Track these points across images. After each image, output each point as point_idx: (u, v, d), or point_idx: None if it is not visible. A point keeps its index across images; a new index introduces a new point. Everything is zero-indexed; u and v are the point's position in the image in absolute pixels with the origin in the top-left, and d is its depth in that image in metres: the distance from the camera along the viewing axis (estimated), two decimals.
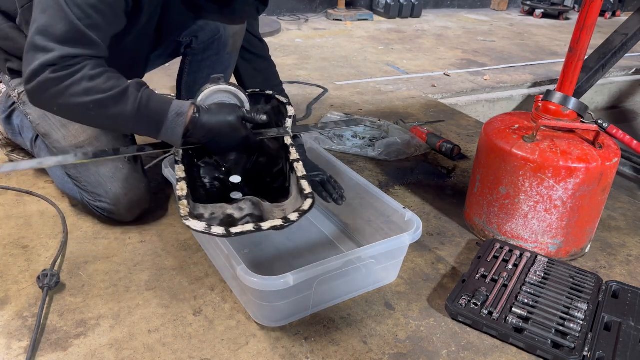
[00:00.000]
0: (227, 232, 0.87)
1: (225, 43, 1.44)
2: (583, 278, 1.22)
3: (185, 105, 1.03)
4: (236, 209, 0.96)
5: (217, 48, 1.44)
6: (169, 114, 1.00)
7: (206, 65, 1.48)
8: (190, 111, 1.02)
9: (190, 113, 1.02)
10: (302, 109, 2.26)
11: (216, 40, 1.42)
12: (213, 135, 1.03)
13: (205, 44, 1.43)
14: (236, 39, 1.45)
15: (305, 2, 4.46)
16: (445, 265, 1.30)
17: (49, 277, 1.10)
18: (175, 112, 1.00)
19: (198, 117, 1.02)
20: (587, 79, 2.65)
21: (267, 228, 0.89)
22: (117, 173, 1.27)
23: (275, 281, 0.96)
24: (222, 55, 1.46)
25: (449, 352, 1.04)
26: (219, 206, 0.97)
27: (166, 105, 1.02)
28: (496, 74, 3.15)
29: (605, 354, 1.01)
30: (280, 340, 1.04)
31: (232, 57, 1.48)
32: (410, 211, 1.19)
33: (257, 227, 0.88)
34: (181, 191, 0.95)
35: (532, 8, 5.25)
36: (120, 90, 0.99)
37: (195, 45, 1.44)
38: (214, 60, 1.47)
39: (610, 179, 1.28)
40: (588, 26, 1.24)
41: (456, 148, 1.87)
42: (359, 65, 3.09)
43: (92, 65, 0.98)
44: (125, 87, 1.00)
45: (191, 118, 1.02)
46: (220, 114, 1.02)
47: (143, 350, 0.99)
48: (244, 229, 0.88)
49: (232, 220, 0.93)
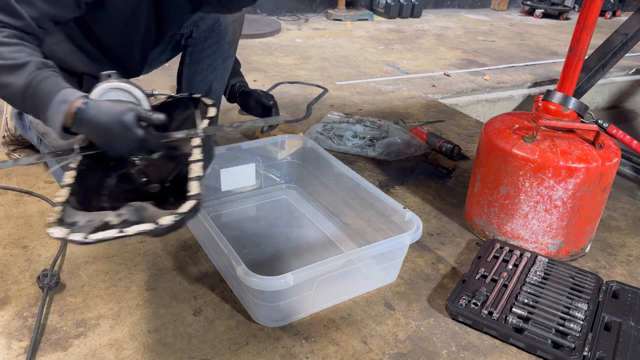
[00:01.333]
0: (85, 239, 0.82)
1: (225, 31, 1.44)
2: (583, 278, 1.22)
3: (74, 94, 0.94)
4: (116, 215, 0.90)
5: (217, 36, 1.44)
6: (54, 99, 0.93)
7: (206, 55, 1.48)
8: (76, 102, 0.93)
9: (76, 104, 0.93)
10: (302, 109, 2.26)
11: (216, 29, 1.43)
12: (103, 133, 0.94)
13: (206, 32, 1.43)
14: (235, 26, 1.45)
15: (305, 2, 4.46)
16: (445, 265, 1.30)
17: (49, 277, 1.10)
18: (61, 99, 0.92)
19: (84, 109, 0.92)
20: (587, 79, 2.66)
21: (132, 233, 0.83)
22: None
23: (275, 281, 0.96)
24: (222, 45, 1.46)
25: (449, 352, 1.04)
26: (101, 213, 0.91)
27: (55, 90, 0.94)
28: (496, 74, 3.15)
29: (605, 354, 1.01)
30: (280, 340, 1.04)
31: (232, 47, 1.48)
32: (410, 211, 1.19)
33: (121, 233, 0.83)
34: (59, 198, 0.91)
35: (532, 8, 5.25)
36: (20, 62, 0.93)
37: (196, 34, 1.44)
38: (214, 49, 1.47)
39: (610, 179, 1.28)
40: (588, 26, 1.24)
41: (456, 148, 1.87)
42: (359, 65, 3.09)
43: (7, 34, 0.95)
44: (26, 61, 0.94)
45: (76, 110, 0.93)
46: (111, 111, 0.92)
47: (143, 350, 0.99)
48: (106, 235, 0.83)
49: (107, 226, 0.87)
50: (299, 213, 1.48)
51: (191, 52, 1.48)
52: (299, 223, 1.44)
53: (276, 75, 2.76)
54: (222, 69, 1.51)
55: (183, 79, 1.56)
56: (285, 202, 1.54)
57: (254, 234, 1.38)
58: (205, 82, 1.53)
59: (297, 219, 1.46)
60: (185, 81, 1.56)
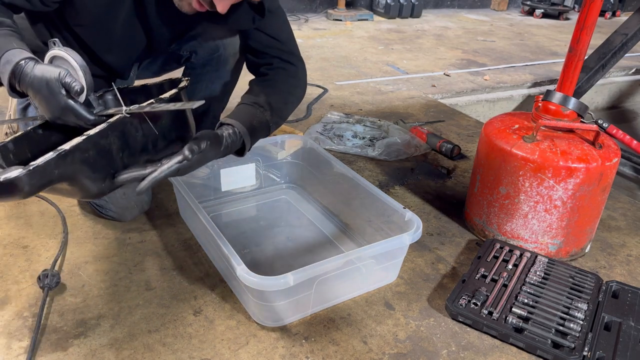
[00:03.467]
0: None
1: (225, 61, 1.42)
2: (583, 278, 1.22)
3: (18, 55, 0.96)
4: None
5: (217, 65, 1.42)
6: (1, 59, 0.95)
7: (205, 79, 1.46)
8: (17, 61, 0.95)
9: (16, 61, 0.95)
10: (302, 109, 2.26)
11: (215, 59, 1.41)
12: (34, 93, 0.96)
13: (204, 59, 1.41)
14: (237, 58, 1.43)
15: (305, 2, 4.46)
16: (445, 265, 1.30)
17: (49, 277, 1.10)
18: (5, 60, 0.95)
19: (21, 71, 0.94)
20: (587, 79, 2.66)
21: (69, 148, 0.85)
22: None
23: (275, 281, 0.96)
24: (222, 72, 1.44)
25: (449, 352, 1.04)
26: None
27: (2, 50, 0.96)
28: (496, 74, 3.15)
29: (605, 354, 1.01)
30: (280, 340, 1.04)
31: (234, 73, 1.46)
32: (410, 211, 1.19)
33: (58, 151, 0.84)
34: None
35: (532, 8, 5.25)
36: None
37: (195, 60, 1.42)
38: (213, 75, 1.45)
39: (610, 179, 1.28)
40: (588, 26, 1.24)
41: (456, 148, 1.87)
42: (359, 65, 3.09)
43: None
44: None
45: (14, 66, 0.95)
46: (41, 74, 0.94)
47: (143, 350, 0.99)
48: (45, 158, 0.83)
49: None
50: (299, 213, 1.48)
51: (190, 72, 1.47)
52: (299, 223, 1.44)
53: None
54: (223, 93, 1.50)
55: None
56: (285, 202, 1.54)
57: (254, 234, 1.38)
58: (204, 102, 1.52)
59: (297, 219, 1.46)
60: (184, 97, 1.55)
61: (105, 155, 0.93)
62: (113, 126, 0.93)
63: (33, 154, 1.00)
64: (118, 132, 0.95)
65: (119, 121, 0.94)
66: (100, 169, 0.93)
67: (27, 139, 1.01)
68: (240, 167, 1.48)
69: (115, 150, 0.95)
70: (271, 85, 1.30)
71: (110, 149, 0.94)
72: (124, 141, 0.97)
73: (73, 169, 0.87)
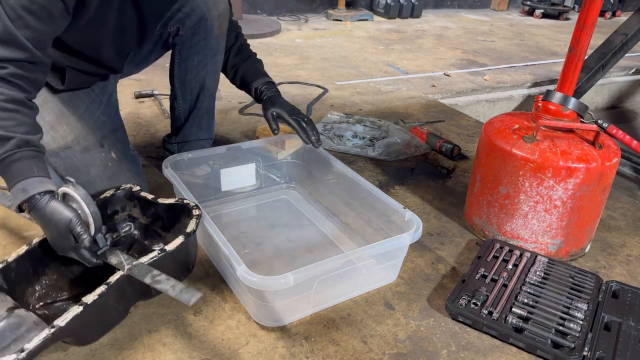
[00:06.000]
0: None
1: (211, 26, 1.44)
2: (583, 278, 1.22)
3: (36, 187, 0.98)
4: None
5: (204, 32, 1.45)
6: (17, 185, 0.97)
7: (195, 52, 1.48)
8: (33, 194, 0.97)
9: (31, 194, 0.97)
10: (302, 109, 2.26)
11: (202, 24, 1.43)
12: (43, 226, 0.99)
13: (192, 29, 1.44)
14: (221, 20, 1.46)
15: (305, 2, 4.46)
16: (445, 265, 1.30)
17: None
18: (22, 187, 0.97)
19: (34, 205, 0.97)
20: (587, 79, 2.66)
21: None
22: (105, 171, 1.26)
23: (275, 281, 0.96)
24: (210, 40, 1.46)
25: (449, 352, 1.04)
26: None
27: (21, 176, 0.98)
28: (496, 74, 3.15)
29: (605, 354, 1.01)
30: (280, 340, 1.04)
31: (220, 41, 1.49)
32: (410, 211, 1.19)
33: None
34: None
35: (532, 8, 5.25)
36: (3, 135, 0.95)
37: (183, 32, 1.44)
38: (203, 45, 1.47)
39: (610, 179, 1.28)
40: (588, 26, 1.24)
41: (456, 148, 1.87)
42: (359, 65, 3.09)
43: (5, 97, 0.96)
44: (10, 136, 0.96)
45: (28, 198, 0.97)
46: (52, 216, 0.97)
47: (143, 350, 0.99)
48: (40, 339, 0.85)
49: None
50: (299, 213, 1.48)
51: (180, 50, 1.49)
52: (299, 223, 1.44)
53: (276, 75, 2.76)
54: (213, 64, 1.51)
55: (175, 78, 1.56)
56: (285, 202, 1.54)
57: (254, 234, 1.38)
58: (198, 80, 1.53)
59: (297, 219, 1.46)
60: (177, 80, 1.55)
61: (102, 310, 0.97)
62: (111, 287, 0.96)
63: (35, 269, 1.06)
64: (117, 286, 0.98)
65: (119, 280, 0.97)
66: (95, 323, 0.98)
67: (29, 255, 1.04)
68: (240, 167, 1.48)
69: (112, 301, 0.99)
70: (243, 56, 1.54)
71: (107, 303, 0.98)
72: (121, 293, 1.01)
73: (67, 333, 0.90)
